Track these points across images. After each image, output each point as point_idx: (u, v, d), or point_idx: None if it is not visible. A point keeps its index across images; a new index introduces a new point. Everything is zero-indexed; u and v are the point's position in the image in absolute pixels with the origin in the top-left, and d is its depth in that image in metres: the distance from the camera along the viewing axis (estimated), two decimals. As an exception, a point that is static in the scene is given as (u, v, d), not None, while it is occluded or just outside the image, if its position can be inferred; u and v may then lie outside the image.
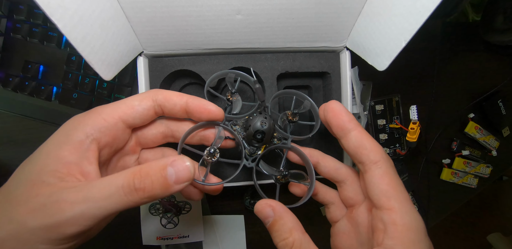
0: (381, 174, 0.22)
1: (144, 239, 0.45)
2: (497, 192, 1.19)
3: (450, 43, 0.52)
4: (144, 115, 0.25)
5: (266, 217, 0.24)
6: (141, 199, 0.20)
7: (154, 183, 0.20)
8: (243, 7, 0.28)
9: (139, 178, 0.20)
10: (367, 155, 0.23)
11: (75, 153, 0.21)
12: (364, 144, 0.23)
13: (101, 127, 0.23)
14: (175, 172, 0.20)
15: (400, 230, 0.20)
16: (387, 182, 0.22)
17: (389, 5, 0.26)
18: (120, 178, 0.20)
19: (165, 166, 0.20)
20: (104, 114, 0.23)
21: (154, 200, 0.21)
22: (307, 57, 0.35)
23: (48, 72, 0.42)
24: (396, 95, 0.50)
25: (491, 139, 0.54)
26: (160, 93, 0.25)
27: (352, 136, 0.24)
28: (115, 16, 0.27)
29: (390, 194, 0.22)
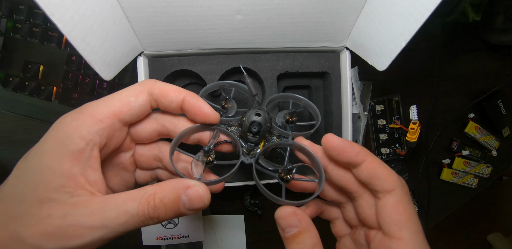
0: (395, 203, 0.21)
1: (144, 239, 0.45)
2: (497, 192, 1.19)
3: (450, 43, 0.52)
4: (141, 111, 0.23)
5: (289, 226, 0.22)
6: (154, 223, 0.20)
7: (168, 211, 0.20)
8: (243, 7, 0.28)
9: (153, 208, 0.20)
10: (381, 185, 0.22)
11: (78, 164, 0.20)
12: (376, 174, 0.22)
13: (99, 130, 0.21)
14: (188, 200, 0.20)
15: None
16: (400, 212, 0.21)
17: (389, 5, 0.26)
18: (134, 206, 0.19)
19: (179, 195, 0.20)
20: (98, 114, 0.21)
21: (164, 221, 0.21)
22: (307, 57, 0.35)
23: (48, 72, 0.42)
24: (396, 95, 0.50)
25: (491, 139, 0.54)
26: (156, 87, 0.23)
27: (363, 169, 0.22)
28: (115, 16, 0.27)
29: (402, 224, 0.21)
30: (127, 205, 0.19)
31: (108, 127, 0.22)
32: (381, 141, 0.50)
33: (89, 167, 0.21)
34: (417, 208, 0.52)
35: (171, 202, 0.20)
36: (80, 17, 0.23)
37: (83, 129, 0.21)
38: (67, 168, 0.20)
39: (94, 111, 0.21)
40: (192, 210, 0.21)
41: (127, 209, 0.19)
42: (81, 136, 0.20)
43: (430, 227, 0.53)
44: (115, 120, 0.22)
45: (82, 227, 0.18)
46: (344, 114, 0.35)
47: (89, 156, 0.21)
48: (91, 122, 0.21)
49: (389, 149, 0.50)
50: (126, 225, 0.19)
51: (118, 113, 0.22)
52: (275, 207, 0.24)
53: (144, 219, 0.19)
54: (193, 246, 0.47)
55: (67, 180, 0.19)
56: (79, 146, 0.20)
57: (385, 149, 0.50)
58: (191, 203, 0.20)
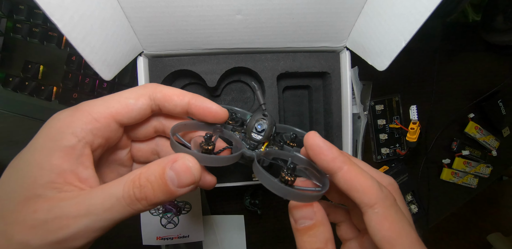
0: (379, 219, 0.19)
1: (144, 239, 0.45)
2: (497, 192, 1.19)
3: (450, 43, 0.52)
4: (140, 114, 0.22)
5: (303, 217, 0.20)
6: (145, 207, 0.19)
7: (156, 190, 0.19)
8: (243, 7, 0.28)
9: (138, 187, 0.18)
10: (360, 198, 0.19)
11: (69, 160, 0.19)
12: (354, 186, 0.19)
13: (93, 129, 0.20)
14: (176, 175, 0.19)
15: None
16: (387, 228, 0.19)
17: (389, 5, 0.26)
18: (119, 188, 0.18)
19: (163, 170, 0.19)
20: (95, 113, 0.21)
21: (161, 205, 0.20)
22: (307, 57, 0.35)
23: (48, 72, 0.42)
24: (396, 95, 0.50)
25: (491, 139, 0.54)
26: (159, 91, 0.23)
27: (340, 178, 0.20)
28: (115, 16, 0.27)
29: (393, 241, 0.19)
30: (112, 188, 0.19)
31: (103, 127, 0.21)
32: (381, 141, 0.50)
33: (80, 164, 0.20)
34: (417, 208, 0.52)
35: (157, 179, 0.19)
36: (80, 17, 0.23)
37: (77, 126, 0.20)
38: (57, 164, 0.19)
39: (90, 109, 0.21)
40: (182, 186, 0.19)
41: (111, 192, 0.18)
42: (74, 132, 0.19)
43: (430, 227, 0.53)
44: (111, 120, 0.21)
45: (66, 218, 0.18)
46: (344, 114, 0.35)
47: (80, 153, 0.20)
48: (86, 120, 0.20)
49: (389, 149, 0.50)
50: (112, 210, 0.18)
51: (115, 114, 0.21)
52: (275, 207, 0.24)
53: (131, 201, 0.18)
54: (193, 246, 0.47)
55: (56, 176, 0.19)
56: (70, 142, 0.19)
57: (385, 149, 0.50)
58: (179, 178, 0.19)
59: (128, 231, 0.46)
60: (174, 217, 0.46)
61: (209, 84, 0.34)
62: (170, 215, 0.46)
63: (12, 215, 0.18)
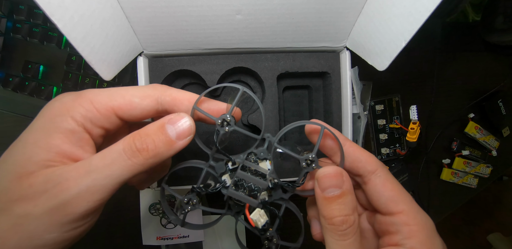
0: (382, 182, 0.22)
1: (144, 239, 0.45)
2: (497, 192, 1.19)
3: (450, 43, 0.52)
4: (142, 114, 0.22)
5: (333, 186, 0.21)
6: (146, 159, 0.19)
7: (156, 141, 0.19)
8: (243, 7, 0.28)
9: (139, 139, 0.19)
10: (364, 167, 0.22)
11: (68, 142, 0.19)
12: (358, 157, 0.23)
13: (93, 118, 0.20)
14: (174, 127, 0.20)
15: (416, 230, 0.21)
16: (390, 188, 0.22)
17: (389, 5, 0.26)
18: (120, 143, 0.19)
19: (163, 124, 0.20)
20: (96, 103, 0.20)
21: (160, 160, 0.20)
22: (307, 57, 0.35)
23: (48, 72, 0.42)
24: (396, 95, 0.50)
25: (491, 139, 0.54)
26: (168, 94, 0.22)
27: (345, 152, 0.23)
28: (115, 16, 0.27)
29: (397, 199, 0.22)
30: (112, 146, 0.19)
31: (103, 118, 0.21)
32: (381, 141, 0.50)
33: (80, 147, 0.19)
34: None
35: (157, 131, 0.20)
36: (80, 17, 0.23)
37: (77, 111, 0.20)
38: (56, 144, 0.19)
39: (93, 98, 0.20)
40: (181, 138, 0.20)
41: (111, 149, 0.19)
42: (73, 117, 0.19)
43: (430, 227, 0.53)
44: (111, 113, 0.21)
45: (66, 181, 0.17)
46: (344, 114, 0.35)
47: (80, 137, 0.20)
48: (88, 108, 0.20)
49: (389, 149, 0.50)
50: (112, 166, 0.18)
51: (117, 108, 0.21)
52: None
53: (132, 153, 0.19)
54: (193, 246, 0.47)
55: (53, 155, 0.18)
56: (70, 125, 0.19)
57: (385, 149, 0.50)
58: (178, 130, 0.20)
59: (128, 231, 0.46)
60: (174, 217, 0.46)
61: (209, 84, 0.34)
62: (170, 215, 0.46)
63: (7, 193, 0.18)
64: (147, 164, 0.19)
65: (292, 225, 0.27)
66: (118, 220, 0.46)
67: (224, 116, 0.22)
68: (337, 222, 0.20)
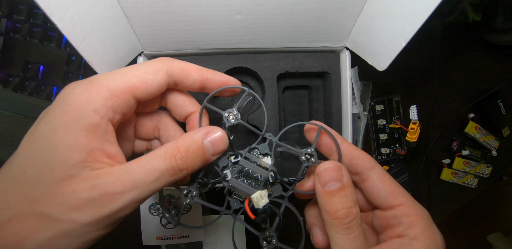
0: (381, 178, 0.23)
1: (144, 239, 0.45)
2: (497, 192, 1.19)
3: (450, 43, 0.52)
4: (157, 90, 0.22)
5: (333, 179, 0.21)
6: (184, 175, 0.20)
7: (195, 160, 0.21)
8: (243, 7, 0.28)
9: (181, 159, 0.20)
10: (362, 164, 0.23)
11: (95, 138, 0.19)
12: (356, 154, 0.24)
13: (113, 105, 0.20)
14: (211, 145, 0.21)
15: (416, 220, 0.22)
16: (388, 183, 0.23)
17: (389, 5, 0.26)
18: (161, 162, 0.20)
19: (202, 141, 0.21)
20: (113, 88, 0.20)
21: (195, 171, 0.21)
22: (307, 57, 0.35)
23: (48, 72, 0.42)
24: (396, 95, 0.50)
25: (491, 139, 0.54)
26: (176, 66, 0.22)
27: (343, 151, 0.24)
28: (115, 16, 0.27)
29: (395, 192, 0.23)
30: (153, 163, 0.20)
31: (123, 103, 0.20)
32: (381, 141, 0.50)
33: (106, 141, 0.20)
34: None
35: (197, 150, 0.21)
36: (80, 17, 0.23)
37: (97, 103, 0.19)
38: (85, 143, 0.19)
39: (108, 84, 0.20)
40: (216, 154, 0.22)
41: (153, 166, 0.19)
42: (95, 110, 0.19)
43: (430, 227, 0.53)
44: (130, 96, 0.21)
45: (113, 194, 0.18)
46: (344, 114, 0.35)
47: (105, 130, 0.20)
48: (106, 96, 0.19)
49: (389, 149, 0.50)
50: (156, 182, 0.19)
51: (134, 89, 0.20)
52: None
53: (174, 172, 0.20)
54: (193, 246, 0.47)
55: (86, 155, 0.19)
56: (94, 120, 0.19)
57: (385, 149, 0.50)
58: (215, 147, 0.21)
59: (128, 231, 0.46)
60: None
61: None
62: (170, 215, 0.46)
63: (47, 198, 0.18)
64: (183, 177, 0.21)
65: (289, 225, 0.27)
66: (118, 220, 0.46)
67: (231, 109, 0.23)
68: (341, 215, 0.21)
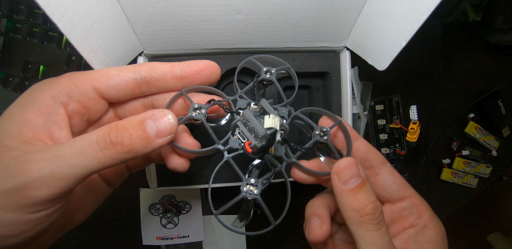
0: (391, 172, 0.25)
1: (144, 239, 0.45)
2: (497, 192, 1.19)
3: (450, 43, 0.52)
4: (121, 86, 0.22)
5: (355, 175, 0.21)
6: (119, 154, 0.18)
7: (133, 136, 0.18)
8: (243, 7, 0.28)
9: (115, 132, 0.18)
10: (376, 158, 0.25)
11: (42, 117, 0.19)
12: (371, 149, 0.25)
13: (69, 91, 0.21)
14: (155, 125, 0.19)
15: (424, 209, 0.24)
16: (398, 177, 0.25)
17: (389, 5, 0.26)
18: (94, 133, 0.18)
19: (143, 119, 0.19)
20: (74, 78, 0.21)
21: (135, 156, 0.19)
22: (307, 57, 0.35)
23: (48, 72, 0.42)
24: (396, 95, 0.50)
25: (491, 139, 0.54)
26: (143, 65, 0.23)
27: (360, 145, 0.25)
28: (115, 16, 0.27)
29: (405, 185, 0.25)
30: (86, 135, 0.18)
31: (80, 92, 0.21)
32: (381, 141, 0.50)
33: (54, 123, 0.20)
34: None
35: (136, 125, 0.18)
36: (80, 17, 0.23)
37: (54, 87, 0.21)
38: (29, 118, 0.19)
39: (72, 75, 0.22)
40: (160, 136, 0.19)
41: (84, 138, 0.18)
42: (49, 92, 0.20)
43: (430, 227, 0.53)
44: (89, 87, 0.21)
45: (29, 162, 0.16)
46: (344, 114, 0.35)
47: (55, 112, 0.20)
48: (64, 83, 0.21)
49: (389, 149, 0.50)
50: (82, 155, 0.17)
51: (94, 81, 0.22)
52: (275, 207, 0.24)
53: (105, 144, 0.17)
54: (193, 246, 0.47)
55: (26, 129, 0.18)
56: (45, 100, 0.20)
57: (385, 149, 0.50)
58: (158, 126, 0.19)
59: (128, 231, 0.46)
60: (174, 217, 0.46)
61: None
62: (170, 215, 0.46)
63: None
64: (119, 159, 0.18)
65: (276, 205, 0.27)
66: (118, 220, 0.46)
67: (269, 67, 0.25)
68: (370, 211, 0.20)
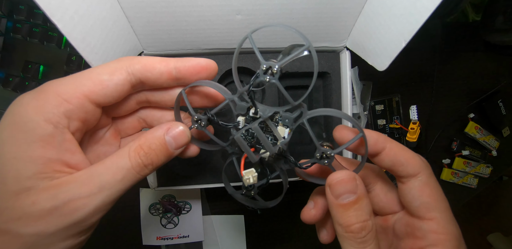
0: (421, 186, 0.21)
1: (144, 239, 0.45)
2: (497, 192, 1.19)
3: (450, 43, 0.52)
4: (117, 91, 0.20)
5: (348, 191, 0.20)
6: (150, 171, 0.21)
7: (159, 155, 0.21)
8: (243, 7, 0.28)
9: (145, 155, 0.20)
10: (405, 171, 0.21)
11: (52, 148, 0.18)
12: (399, 160, 0.21)
13: (66, 112, 0.18)
14: (173, 139, 0.21)
15: (443, 239, 0.20)
16: (428, 194, 0.21)
17: (389, 5, 0.26)
18: (126, 159, 0.19)
19: (163, 136, 0.21)
20: (64, 94, 0.18)
21: (160, 166, 0.22)
22: (307, 57, 0.35)
23: (48, 72, 0.42)
24: (396, 95, 0.50)
25: (491, 139, 0.54)
26: (136, 62, 0.20)
27: (384, 156, 0.21)
28: (115, 16, 0.27)
29: (431, 206, 0.21)
30: (118, 162, 0.19)
31: (77, 108, 0.19)
32: (381, 141, 0.50)
33: (66, 151, 0.18)
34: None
35: (160, 146, 0.21)
36: (80, 17, 0.23)
37: (47, 111, 0.18)
38: (39, 155, 0.17)
39: (58, 89, 0.18)
40: (178, 148, 0.22)
41: (119, 165, 0.19)
42: (46, 119, 0.18)
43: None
44: (84, 101, 0.19)
45: (79, 199, 0.18)
46: (344, 114, 0.35)
47: (62, 139, 0.18)
48: (55, 103, 0.18)
49: (389, 149, 0.50)
50: (124, 180, 0.19)
51: (88, 93, 0.19)
52: (275, 207, 0.24)
53: (140, 169, 0.20)
54: (193, 246, 0.47)
55: (42, 167, 0.17)
56: (47, 130, 0.18)
57: (385, 149, 0.50)
58: (177, 141, 0.21)
59: (128, 231, 0.46)
60: (174, 217, 0.46)
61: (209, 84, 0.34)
62: (170, 215, 0.46)
63: (6, 213, 0.17)
64: (150, 173, 0.21)
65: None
66: (118, 220, 0.46)
67: (272, 63, 0.20)
68: (355, 229, 0.19)
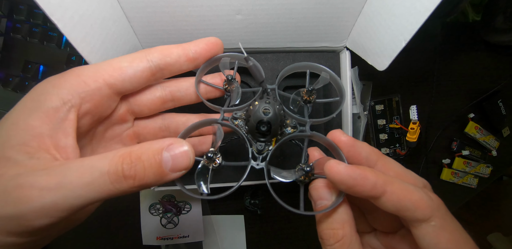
0: (437, 232, 0.18)
1: (144, 239, 0.45)
2: (497, 192, 1.19)
3: (450, 43, 0.52)
4: (136, 78, 0.20)
5: (320, 198, 0.20)
6: (130, 188, 0.16)
7: (147, 170, 0.16)
8: (243, 7, 0.28)
9: (129, 164, 0.16)
10: (412, 216, 0.18)
11: (49, 123, 0.17)
12: (403, 205, 0.18)
13: (81, 92, 0.18)
14: (171, 158, 0.17)
15: None
16: (446, 240, 0.18)
17: (389, 5, 0.26)
18: (106, 162, 0.16)
19: (160, 150, 0.17)
20: (84, 76, 0.19)
21: (143, 189, 0.17)
22: (307, 57, 0.35)
23: (48, 72, 0.42)
24: (396, 95, 0.50)
25: (491, 139, 0.54)
26: (154, 51, 0.21)
27: (386, 201, 0.18)
28: (115, 16, 0.27)
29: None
30: (95, 162, 0.16)
31: (93, 91, 0.19)
32: (381, 141, 0.50)
33: (61, 129, 0.18)
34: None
35: (151, 158, 0.16)
36: (80, 17, 0.23)
37: (63, 88, 0.18)
38: (34, 125, 0.17)
39: (80, 72, 0.19)
40: (175, 170, 0.17)
41: (94, 165, 0.16)
42: (59, 94, 0.18)
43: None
44: (102, 84, 0.19)
45: (30, 187, 0.15)
46: (344, 114, 0.35)
47: (63, 117, 0.18)
48: (74, 82, 0.18)
49: (389, 149, 0.50)
50: (91, 186, 0.15)
51: (107, 77, 0.19)
52: (275, 207, 0.24)
53: (116, 178, 0.16)
54: (193, 246, 0.47)
55: (30, 138, 0.17)
56: (54, 103, 0.17)
57: (385, 149, 0.50)
58: (175, 161, 0.17)
59: (128, 231, 0.46)
60: (174, 217, 0.46)
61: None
62: (170, 215, 0.46)
63: None
64: (128, 192, 0.17)
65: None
66: (118, 220, 0.46)
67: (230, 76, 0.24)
68: (324, 235, 0.19)
